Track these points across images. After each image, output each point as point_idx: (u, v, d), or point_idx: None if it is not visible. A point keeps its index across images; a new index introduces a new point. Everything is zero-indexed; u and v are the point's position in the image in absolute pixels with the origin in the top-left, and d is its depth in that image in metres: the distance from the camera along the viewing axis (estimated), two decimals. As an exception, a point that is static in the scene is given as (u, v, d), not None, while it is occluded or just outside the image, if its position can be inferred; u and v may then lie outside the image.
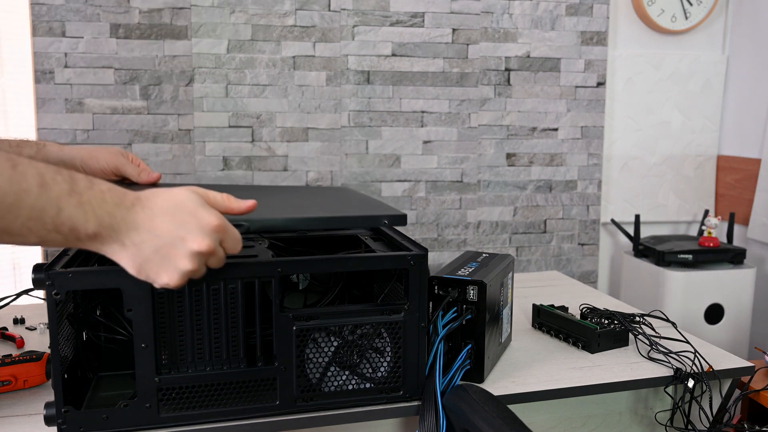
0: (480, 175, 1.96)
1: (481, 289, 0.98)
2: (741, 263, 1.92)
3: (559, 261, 2.04)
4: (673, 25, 2.04)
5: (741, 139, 2.08)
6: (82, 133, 1.71)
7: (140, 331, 0.82)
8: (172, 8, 1.72)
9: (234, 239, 0.70)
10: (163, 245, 0.65)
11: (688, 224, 2.18)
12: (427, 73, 1.88)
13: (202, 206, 0.67)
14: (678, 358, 1.10)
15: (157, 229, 0.64)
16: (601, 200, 2.06)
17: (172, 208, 0.66)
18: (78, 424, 0.82)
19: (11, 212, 0.58)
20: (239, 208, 0.73)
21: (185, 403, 0.85)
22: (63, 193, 0.60)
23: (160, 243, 0.65)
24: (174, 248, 0.65)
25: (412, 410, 0.94)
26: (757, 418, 1.27)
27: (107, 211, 0.62)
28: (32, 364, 0.98)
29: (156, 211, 0.65)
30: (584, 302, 1.37)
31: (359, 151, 1.87)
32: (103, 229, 0.62)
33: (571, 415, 1.05)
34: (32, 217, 0.59)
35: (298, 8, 1.79)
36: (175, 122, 1.76)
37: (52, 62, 1.67)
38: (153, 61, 1.72)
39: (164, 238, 0.65)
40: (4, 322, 1.25)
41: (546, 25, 1.94)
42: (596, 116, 2.02)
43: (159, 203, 0.65)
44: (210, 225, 0.67)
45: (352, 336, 0.90)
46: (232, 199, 0.73)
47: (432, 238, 1.95)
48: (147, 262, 0.65)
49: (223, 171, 1.79)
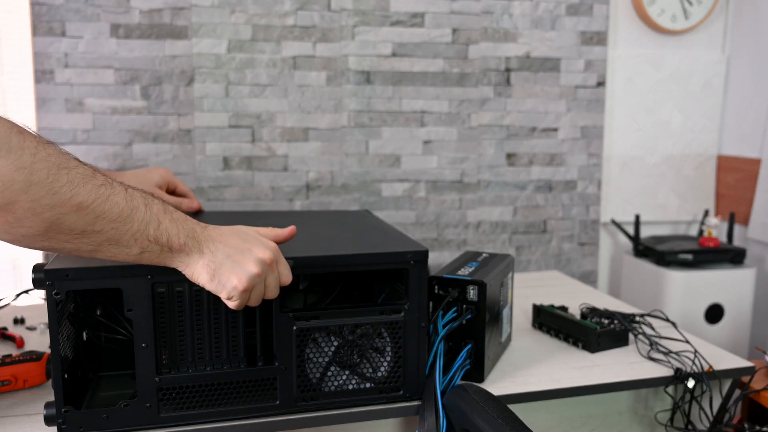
0: (480, 175, 1.96)
1: (481, 289, 0.98)
2: (741, 263, 1.92)
3: (559, 261, 2.04)
4: (673, 25, 2.04)
5: (741, 139, 2.08)
6: (82, 133, 1.71)
7: (140, 330, 0.82)
8: (172, 8, 1.72)
9: (286, 266, 0.83)
10: (233, 252, 0.77)
11: (688, 224, 2.18)
12: (427, 73, 1.88)
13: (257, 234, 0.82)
14: (678, 358, 1.10)
15: (229, 241, 0.78)
16: (601, 200, 2.06)
17: (237, 230, 0.80)
18: (78, 424, 0.82)
19: (125, 224, 0.69)
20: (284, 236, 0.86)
21: (185, 402, 0.85)
22: (160, 211, 0.73)
23: (231, 251, 0.77)
24: (242, 255, 0.77)
25: (412, 410, 0.94)
26: (757, 418, 1.27)
27: (191, 227, 0.76)
28: (32, 364, 0.98)
29: (225, 230, 0.79)
30: (584, 302, 1.37)
31: (359, 151, 1.87)
32: (190, 240, 0.75)
33: (571, 415, 1.05)
34: (140, 229, 0.71)
35: (298, 8, 1.79)
36: (176, 122, 1.76)
37: (52, 62, 1.67)
38: (153, 61, 1.72)
39: (234, 247, 0.78)
40: (4, 322, 1.25)
41: (546, 25, 1.94)
42: (596, 116, 2.02)
43: (224, 227, 0.80)
44: (269, 244, 0.81)
45: (353, 336, 0.90)
46: (276, 230, 0.86)
47: (432, 238, 1.95)
48: (220, 266, 0.77)
49: (223, 171, 1.79)
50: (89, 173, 0.68)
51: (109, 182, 0.69)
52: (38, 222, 0.64)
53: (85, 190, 0.66)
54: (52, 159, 0.64)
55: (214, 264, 0.76)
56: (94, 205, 0.67)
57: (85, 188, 0.66)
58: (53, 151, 0.65)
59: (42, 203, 0.63)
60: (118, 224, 0.69)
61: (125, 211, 0.69)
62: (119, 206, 0.68)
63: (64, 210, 0.65)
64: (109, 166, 1.73)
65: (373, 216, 1.24)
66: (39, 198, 0.63)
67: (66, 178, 0.65)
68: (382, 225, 1.13)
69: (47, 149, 0.65)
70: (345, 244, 0.98)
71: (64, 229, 0.66)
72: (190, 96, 1.76)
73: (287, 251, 0.87)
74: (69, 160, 0.66)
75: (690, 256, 1.87)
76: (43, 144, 0.65)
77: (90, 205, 0.66)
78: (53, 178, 0.63)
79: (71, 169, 0.65)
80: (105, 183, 0.68)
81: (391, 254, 0.91)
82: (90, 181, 0.67)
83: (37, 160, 0.63)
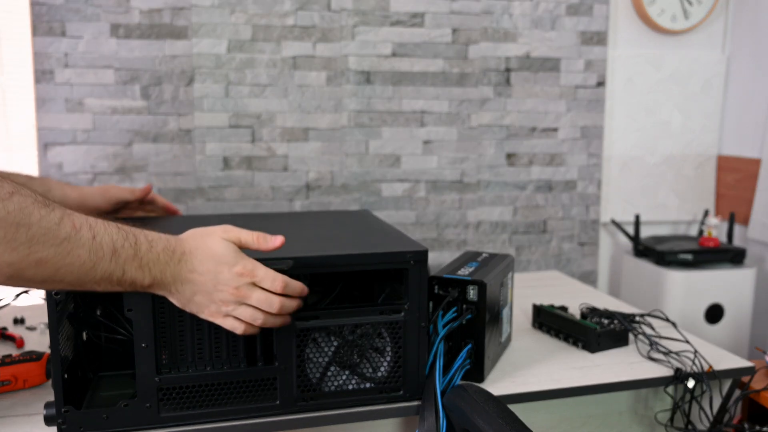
0: (480, 175, 1.96)
1: (481, 289, 0.98)
2: (741, 263, 1.92)
3: (559, 261, 2.04)
4: (673, 25, 2.04)
5: (741, 139, 2.08)
6: (83, 133, 1.71)
7: (140, 330, 0.82)
8: (172, 8, 1.72)
9: (268, 278, 0.82)
10: (199, 291, 0.80)
11: (688, 224, 2.18)
12: (427, 73, 1.88)
13: (234, 256, 0.81)
14: (678, 358, 1.10)
15: (196, 281, 0.79)
16: (601, 200, 2.06)
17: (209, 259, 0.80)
18: (78, 424, 0.82)
19: (88, 275, 0.71)
20: (268, 248, 0.85)
21: (185, 402, 0.85)
22: (129, 258, 0.74)
23: (197, 289, 0.80)
24: (208, 294, 0.80)
25: (412, 410, 0.94)
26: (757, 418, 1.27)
27: (160, 270, 0.77)
28: (32, 364, 0.98)
29: (196, 265, 0.79)
30: (584, 302, 1.37)
31: (359, 151, 1.87)
32: (156, 282, 0.77)
33: (571, 415, 1.05)
34: (103, 278, 0.73)
35: (298, 8, 1.79)
36: (175, 122, 1.76)
37: (52, 62, 1.67)
38: (153, 61, 1.72)
39: (201, 286, 0.79)
40: (4, 322, 1.25)
41: (546, 25, 1.94)
42: (596, 116, 2.02)
43: (199, 257, 0.80)
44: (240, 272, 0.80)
45: (352, 336, 0.90)
46: (261, 239, 0.84)
47: (432, 238, 1.95)
48: (189, 303, 0.81)
49: (223, 171, 1.79)
50: (53, 225, 0.68)
51: (74, 233, 0.70)
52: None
53: (45, 247, 0.67)
54: (11, 217, 0.65)
55: (183, 300, 0.81)
56: (55, 260, 0.68)
57: (45, 245, 0.67)
58: (15, 206, 0.66)
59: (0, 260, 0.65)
60: (80, 275, 0.71)
61: (87, 264, 0.71)
62: (81, 259, 0.70)
63: (22, 266, 0.67)
64: (109, 166, 1.73)
65: (373, 216, 1.24)
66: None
67: (25, 236, 0.66)
68: (382, 225, 1.13)
69: (7, 205, 0.65)
70: (345, 244, 0.98)
71: (26, 279, 0.68)
72: (190, 96, 1.76)
73: (287, 251, 0.87)
74: (32, 213, 0.67)
75: (690, 256, 1.87)
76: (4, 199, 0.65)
77: (50, 260, 0.68)
78: (11, 237, 0.65)
79: (32, 226, 0.66)
80: (69, 236, 0.69)
81: (391, 254, 0.91)
82: (52, 236, 0.68)
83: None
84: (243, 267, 0.80)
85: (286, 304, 0.83)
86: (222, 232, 0.83)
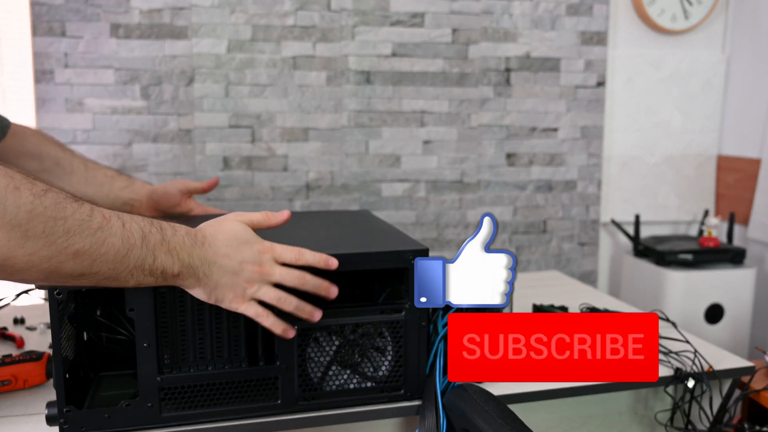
0: (480, 175, 1.96)
1: (481, 289, 0.98)
2: (741, 263, 1.92)
3: (559, 261, 2.04)
4: (673, 25, 2.04)
5: (741, 139, 2.08)
6: (83, 133, 1.71)
7: (142, 330, 0.82)
8: (172, 8, 1.72)
9: (287, 251, 0.84)
10: (225, 272, 0.81)
11: (688, 224, 2.18)
12: (427, 73, 1.89)
13: (252, 234, 0.84)
14: (678, 358, 1.11)
15: (222, 263, 0.80)
16: (601, 200, 2.06)
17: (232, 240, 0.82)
18: (80, 424, 0.82)
19: (122, 264, 0.72)
20: (277, 222, 0.89)
21: (187, 402, 0.85)
22: (157, 243, 0.75)
23: (224, 271, 0.80)
24: (234, 275, 0.81)
25: (412, 410, 0.94)
26: (757, 418, 1.27)
27: (187, 253, 0.78)
28: (32, 364, 0.98)
29: (220, 246, 0.81)
30: (584, 302, 1.37)
31: (359, 151, 1.87)
32: (185, 269, 0.78)
33: (571, 415, 1.05)
34: (136, 265, 0.73)
35: (298, 8, 1.79)
36: (175, 122, 1.76)
37: (52, 62, 1.67)
38: (153, 61, 1.72)
39: (227, 267, 0.80)
40: (4, 322, 1.25)
41: (546, 25, 1.95)
42: (596, 116, 2.02)
43: (221, 238, 0.82)
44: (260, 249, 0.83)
45: (353, 335, 0.90)
46: (270, 215, 0.88)
47: (432, 238, 1.95)
48: (215, 289, 0.81)
49: (223, 171, 1.79)
50: (86, 217, 0.70)
51: (106, 223, 0.71)
52: (37, 272, 0.67)
53: (82, 238, 0.68)
54: (48, 212, 0.66)
55: (209, 286, 0.81)
56: (91, 250, 0.69)
57: (81, 236, 0.68)
58: (50, 201, 0.67)
59: (39, 255, 0.66)
60: (115, 264, 0.72)
61: (121, 252, 0.72)
62: (115, 247, 0.71)
63: (61, 259, 0.67)
64: (109, 165, 1.73)
65: (373, 216, 1.24)
66: (36, 251, 0.66)
67: (62, 229, 0.67)
68: (382, 225, 1.13)
69: (44, 200, 0.66)
70: (345, 243, 0.98)
71: (63, 274, 0.69)
72: (190, 96, 1.76)
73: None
74: (65, 207, 0.68)
75: (690, 256, 1.88)
76: (40, 195, 0.66)
77: (87, 251, 0.69)
78: (49, 231, 0.66)
79: (67, 219, 0.68)
80: (102, 226, 0.71)
81: (391, 253, 0.91)
82: (86, 227, 0.69)
83: (33, 216, 0.65)
84: (262, 244, 0.83)
85: (307, 278, 0.85)
86: (235, 216, 0.86)
